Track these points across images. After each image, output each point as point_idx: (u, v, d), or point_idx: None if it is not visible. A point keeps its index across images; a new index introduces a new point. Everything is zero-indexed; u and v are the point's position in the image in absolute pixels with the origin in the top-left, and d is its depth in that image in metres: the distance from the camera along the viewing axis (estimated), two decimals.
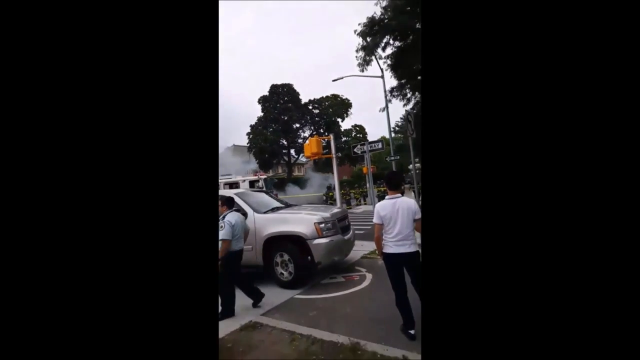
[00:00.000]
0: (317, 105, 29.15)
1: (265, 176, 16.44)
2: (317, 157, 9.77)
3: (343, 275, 4.84)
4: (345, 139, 28.28)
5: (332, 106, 28.80)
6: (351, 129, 30.26)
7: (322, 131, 27.52)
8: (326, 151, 10.05)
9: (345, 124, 29.81)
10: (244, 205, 4.83)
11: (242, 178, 14.71)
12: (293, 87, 28.81)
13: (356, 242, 5.73)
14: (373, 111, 58.09)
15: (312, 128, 29.00)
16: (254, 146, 27.28)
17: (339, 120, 29.03)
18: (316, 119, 29.14)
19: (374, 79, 14.26)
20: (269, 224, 4.65)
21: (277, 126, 28.31)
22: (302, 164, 35.04)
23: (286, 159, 29.85)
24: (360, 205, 17.97)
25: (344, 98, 29.32)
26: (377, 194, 12.43)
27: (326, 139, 10.66)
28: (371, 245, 5.57)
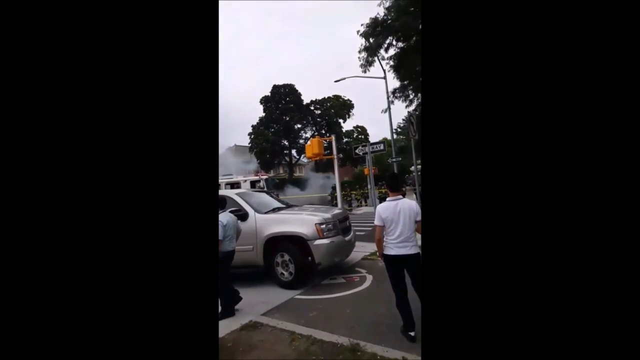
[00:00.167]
0: (318, 106, 29.13)
1: (266, 176, 16.45)
2: (318, 158, 9.77)
3: (343, 276, 4.84)
4: (347, 140, 28.28)
5: (333, 107, 28.77)
6: (353, 130, 30.27)
7: (323, 132, 27.44)
8: (327, 152, 10.05)
9: (347, 125, 29.91)
10: (245, 205, 4.85)
11: (244, 178, 14.71)
12: (295, 87, 28.81)
13: (357, 244, 5.72)
14: (375, 112, 58.01)
15: (314, 129, 28.95)
16: (256, 146, 27.28)
17: (340, 121, 29.03)
18: (318, 119, 29.13)
19: (376, 80, 14.28)
20: (270, 224, 4.66)
21: (279, 126, 28.30)
22: (303, 165, 35.06)
23: (287, 159, 29.85)
24: (361, 206, 17.95)
25: (346, 99, 29.32)
26: (378, 195, 12.41)
27: (328, 140, 10.67)
28: (372, 247, 5.57)
